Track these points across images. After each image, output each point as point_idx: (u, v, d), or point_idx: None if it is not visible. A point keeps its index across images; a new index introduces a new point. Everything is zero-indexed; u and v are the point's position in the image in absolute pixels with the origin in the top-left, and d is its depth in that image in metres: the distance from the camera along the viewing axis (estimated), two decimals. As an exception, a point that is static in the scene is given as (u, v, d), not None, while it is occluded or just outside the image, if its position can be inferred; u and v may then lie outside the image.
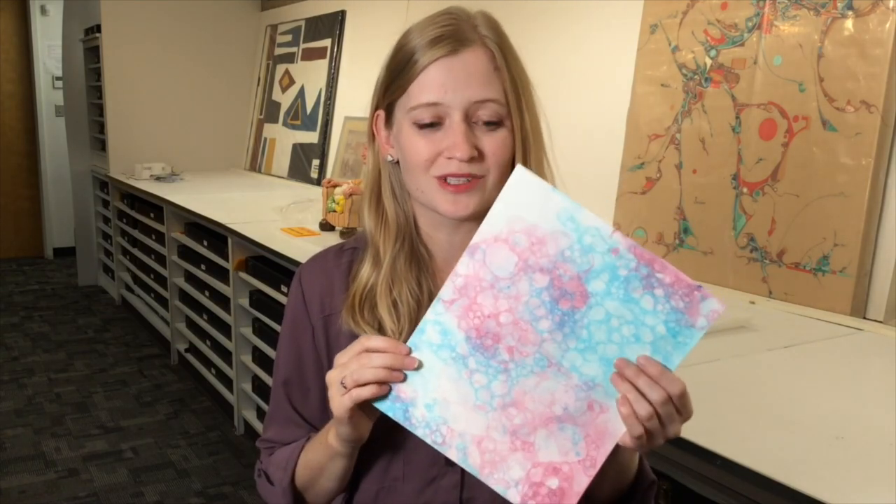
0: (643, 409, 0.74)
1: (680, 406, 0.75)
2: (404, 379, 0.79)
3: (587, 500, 0.79)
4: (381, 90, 0.93)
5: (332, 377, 0.81)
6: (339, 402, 0.80)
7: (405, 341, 0.89)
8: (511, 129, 0.87)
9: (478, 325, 0.78)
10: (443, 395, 0.79)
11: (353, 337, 0.92)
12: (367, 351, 0.79)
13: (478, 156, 0.85)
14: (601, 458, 0.77)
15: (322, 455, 0.90)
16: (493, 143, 0.86)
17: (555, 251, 0.75)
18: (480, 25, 0.87)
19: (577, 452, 0.78)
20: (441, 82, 0.85)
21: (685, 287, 0.72)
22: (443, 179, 0.86)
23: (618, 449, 0.78)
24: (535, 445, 0.78)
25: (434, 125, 0.86)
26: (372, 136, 0.95)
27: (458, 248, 0.93)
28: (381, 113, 0.93)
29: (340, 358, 0.81)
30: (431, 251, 0.95)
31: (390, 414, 0.80)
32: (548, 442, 0.78)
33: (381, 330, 0.90)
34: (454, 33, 0.86)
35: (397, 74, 0.89)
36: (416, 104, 0.86)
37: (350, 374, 0.79)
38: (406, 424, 0.80)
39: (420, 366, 0.79)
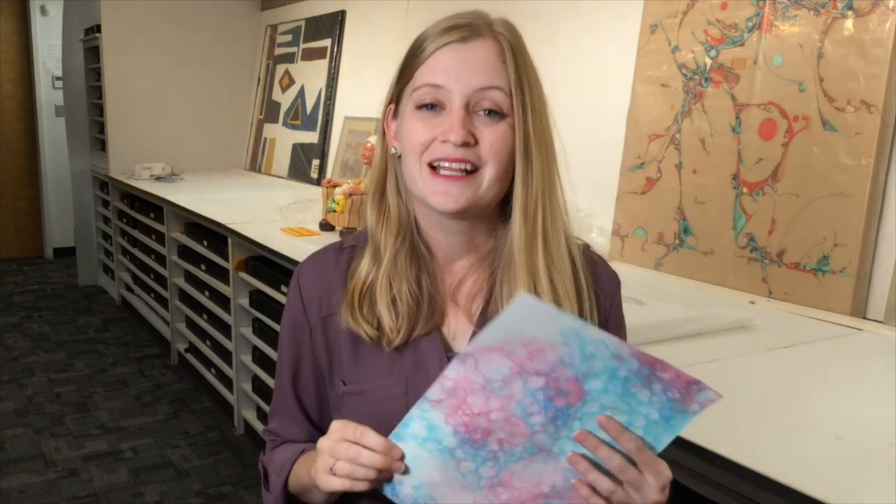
0: (604, 484, 0.75)
1: (643, 466, 0.74)
2: (410, 483, 0.79)
3: None
4: (394, 82, 0.92)
5: (324, 447, 0.81)
6: (329, 481, 0.80)
7: (402, 340, 0.89)
8: (513, 127, 0.86)
9: (467, 422, 0.76)
10: (429, 479, 0.79)
11: (352, 336, 0.92)
12: (361, 445, 0.79)
13: (473, 143, 0.84)
14: None
15: (307, 480, 0.90)
16: (492, 134, 0.85)
17: (554, 358, 0.72)
18: (496, 23, 0.88)
19: None
20: (446, 66, 0.85)
21: (684, 383, 0.72)
22: (434, 169, 0.86)
23: None
24: None
25: (434, 108, 0.86)
26: (383, 131, 0.95)
27: (457, 248, 0.93)
28: (393, 106, 0.93)
29: (334, 433, 0.80)
30: (432, 250, 0.94)
31: (379, 489, 0.81)
32: None
33: (379, 327, 0.90)
34: (467, 25, 0.86)
35: (407, 63, 0.89)
36: (420, 84, 0.86)
37: (341, 465, 0.78)
38: (395, 499, 0.80)
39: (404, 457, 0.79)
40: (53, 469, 2.87)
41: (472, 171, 0.85)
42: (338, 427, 0.81)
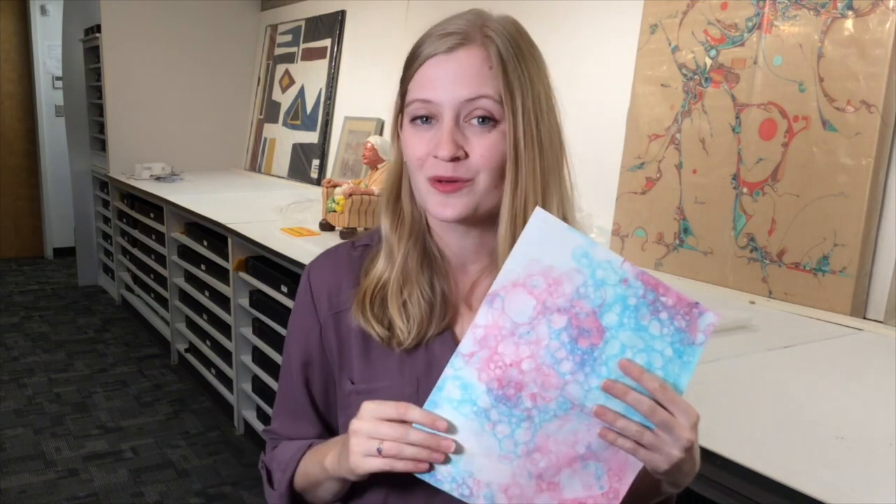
0: (632, 427, 0.75)
1: (669, 405, 0.75)
2: (447, 460, 0.79)
3: None
4: (399, 85, 0.92)
5: (359, 428, 0.79)
6: (367, 462, 0.79)
7: (413, 343, 0.89)
8: (506, 133, 0.85)
9: (499, 376, 0.78)
10: (467, 448, 0.79)
11: (363, 334, 0.92)
12: (406, 421, 0.78)
13: (463, 156, 0.84)
14: (623, 488, 0.79)
15: (318, 472, 0.90)
16: (482, 144, 0.84)
17: (571, 290, 0.76)
18: (490, 26, 0.85)
19: (601, 486, 0.79)
20: (433, 78, 0.84)
21: (685, 306, 0.75)
22: (434, 180, 0.85)
23: (642, 478, 0.78)
24: (559, 485, 0.80)
25: (429, 120, 0.85)
26: (397, 135, 0.93)
27: (469, 252, 0.93)
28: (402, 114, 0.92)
29: (368, 413, 0.79)
30: (444, 252, 0.94)
31: (415, 473, 0.80)
32: (572, 480, 0.79)
33: (390, 328, 0.90)
34: (458, 31, 0.85)
35: (405, 70, 0.89)
36: (412, 99, 0.86)
37: (389, 444, 0.77)
38: (432, 481, 0.80)
39: (456, 448, 0.79)
40: (53, 469, 2.87)
41: (465, 179, 0.85)
42: (371, 407, 0.80)
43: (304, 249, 2.45)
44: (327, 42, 4.15)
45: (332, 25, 4.13)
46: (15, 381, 3.75)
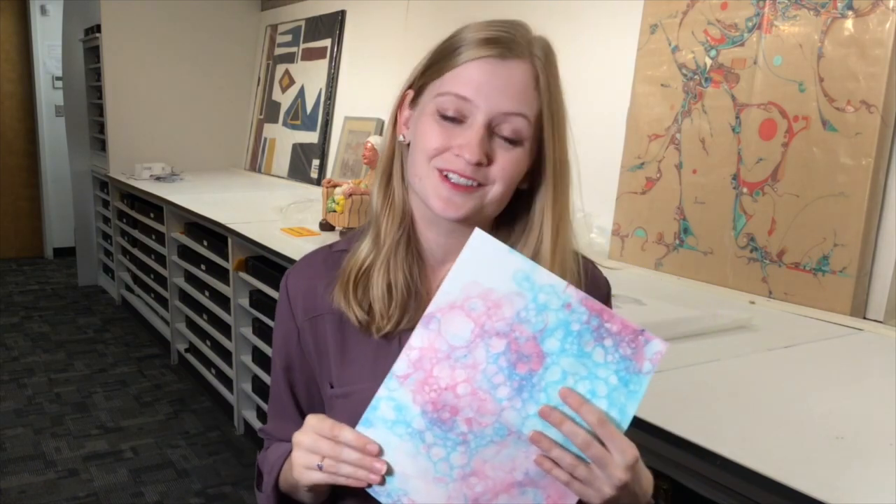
0: (566, 459, 0.75)
1: (607, 441, 0.74)
2: (382, 482, 0.79)
3: None
4: (420, 70, 0.90)
5: (301, 442, 0.81)
6: (309, 475, 0.81)
7: (390, 329, 0.89)
8: (528, 153, 0.86)
9: (434, 399, 0.77)
10: (401, 468, 0.79)
11: (339, 337, 0.93)
12: (339, 442, 0.80)
13: (486, 164, 0.84)
14: None
15: (293, 480, 0.91)
16: (506, 157, 0.85)
17: (511, 313, 0.75)
18: (535, 45, 0.86)
19: None
20: (479, 81, 0.83)
21: (631, 333, 0.74)
22: (444, 174, 0.85)
23: None
24: None
25: (455, 120, 0.85)
26: (395, 115, 0.93)
27: (447, 250, 0.93)
28: (411, 93, 0.92)
29: (310, 428, 0.81)
30: (423, 248, 0.94)
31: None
32: None
33: (370, 312, 0.90)
34: (508, 41, 0.84)
35: (439, 59, 0.87)
36: (447, 91, 0.85)
37: (328, 461, 0.79)
38: (370, 491, 0.81)
39: (381, 453, 0.79)
40: (53, 469, 2.87)
41: (480, 183, 0.85)
42: (313, 422, 0.81)
43: (304, 249, 2.42)
44: (327, 42, 4.15)
45: (332, 25, 4.13)
46: (15, 381, 3.74)
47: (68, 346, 4.28)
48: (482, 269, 0.76)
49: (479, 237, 0.76)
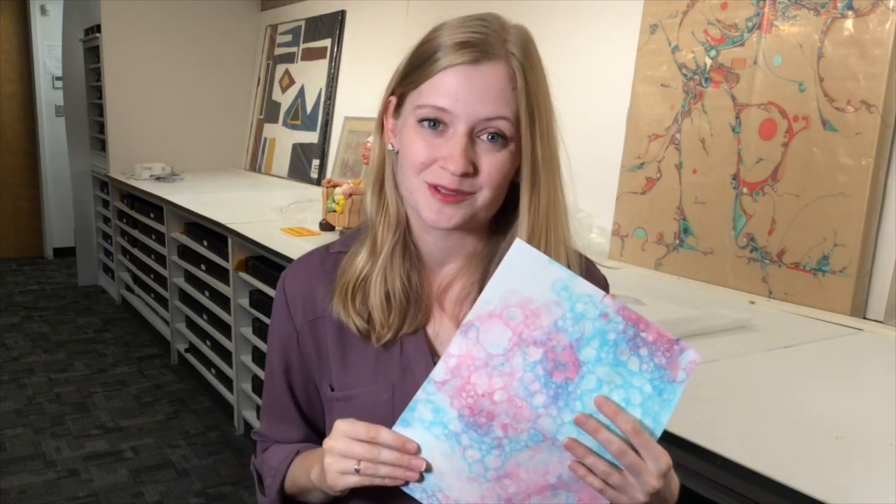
0: (600, 466, 0.75)
1: (641, 449, 0.75)
2: (420, 479, 0.80)
3: None
4: (398, 78, 0.89)
5: (334, 447, 0.81)
6: (344, 480, 0.81)
7: (390, 337, 0.89)
8: (516, 152, 0.85)
9: (471, 405, 0.78)
10: (437, 467, 0.80)
11: (340, 339, 0.92)
12: (377, 444, 0.80)
13: (472, 172, 0.83)
14: None
15: (306, 482, 0.91)
16: (491, 163, 0.84)
17: (548, 322, 0.76)
18: (511, 41, 0.84)
19: None
20: (456, 90, 0.82)
21: (666, 342, 0.75)
22: (433, 187, 0.84)
23: None
24: None
25: (437, 125, 0.84)
26: (381, 122, 0.93)
27: (445, 253, 0.93)
28: (394, 100, 0.90)
29: (342, 433, 0.81)
30: (421, 251, 0.93)
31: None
32: None
33: (369, 321, 0.90)
34: (481, 42, 0.83)
35: (415, 68, 0.86)
36: (425, 104, 0.84)
37: (365, 464, 0.79)
38: (404, 488, 0.82)
39: (427, 467, 0.80)
40: (53, 469, 2.87)
41: (468, 192, 0.85)
42: (344, 427, 0.81)
43: (304, 249, 2.42)
44: (327, 42, 4.15)
45: (332, 25, 4.13)
46: (15, 381, 3.74)
47: (68, 346, 4.28)
48: (521, 279, 0.76)
49: (519, 247, 0.77)
